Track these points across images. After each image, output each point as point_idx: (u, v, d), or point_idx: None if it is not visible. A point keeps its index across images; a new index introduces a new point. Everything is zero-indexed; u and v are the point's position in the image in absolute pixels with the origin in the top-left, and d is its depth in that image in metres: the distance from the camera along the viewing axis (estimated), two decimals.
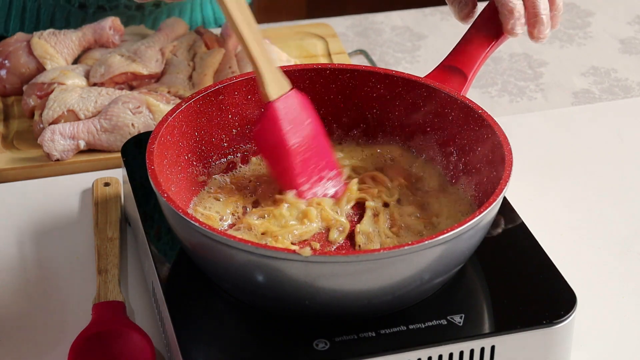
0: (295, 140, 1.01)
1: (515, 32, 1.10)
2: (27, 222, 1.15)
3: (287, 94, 1.02)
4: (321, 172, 1.03)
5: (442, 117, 1.06)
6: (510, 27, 1.09)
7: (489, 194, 0.94)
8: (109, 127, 1.24)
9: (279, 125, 1.01)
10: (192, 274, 0.97)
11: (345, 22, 1.58)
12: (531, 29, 1.11)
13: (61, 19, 1.48)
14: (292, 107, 1.02)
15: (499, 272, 0.98)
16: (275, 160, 1.03)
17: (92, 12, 1.47)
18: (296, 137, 1.02)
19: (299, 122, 1.02)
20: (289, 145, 1.01)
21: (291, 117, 1.02)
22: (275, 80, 1.02)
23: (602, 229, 1.15)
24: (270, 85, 1.01)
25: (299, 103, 1.03)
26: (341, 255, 0.86)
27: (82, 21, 1.48)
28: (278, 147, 1.01)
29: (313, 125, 1.03)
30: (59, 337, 1.00)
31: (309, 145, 1.02)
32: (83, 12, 1.47)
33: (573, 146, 1.29)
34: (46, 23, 1.49)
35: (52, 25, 1.49)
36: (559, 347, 0.94)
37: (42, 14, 1.48)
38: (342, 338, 0.90)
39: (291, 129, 1.01)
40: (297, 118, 1.02)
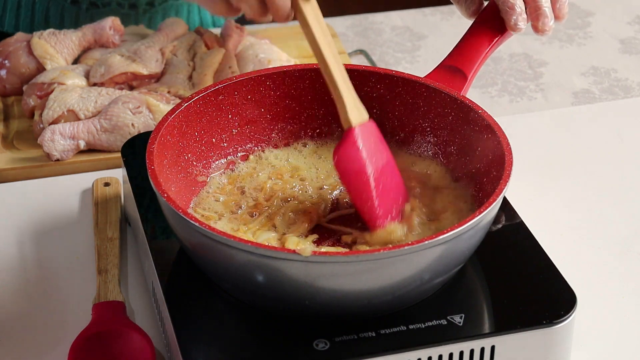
0: (375, 169, 0.98)
1: (519, 27, 1.10)
2: (27, 222, 1.15)
3: (366, 123, 0.99)
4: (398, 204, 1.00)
5: (442, 117, 1.06)
6: (513, 22, 1.09)
7: (489, 194, 0.94)
8: (109, 127, 1.24)
9: (361, 152, 0.97)
10: (192, 274, 0.97)
11: (345, 22, 1.58)
12: (535, 22, 1.10)
13: (56, 14, 1.48)
14: (371, 136, 0.99)
15: (499, 272, 0.98)
16: (356, 187, 0.98)
17: (85, 9, 1.47)
18: (375, 166, 0.98)
19: (376, 152, 0.99)
20: (369, 171, 0.98)
21: (371, 145, 0.98)
22: (357, 107, 0.99)
23: (602, 229, 1.15)
24: (352, 111, 0.98)
25: (376, 132, 1.00)
26: (341, 255, 0.86)
27: (76, 17, 1.48)
28: (359, 174, 0.98)
29: (388, 157, 1.00)
30: (59, 337, 1.00)
31: (386, 176, 0.99)
32: (76, 7, 1.47)
33: (573, 146, 1.29)
34: (41, 19, 1.49)
35: (46, 20, 1.49)
36: (559, 347, 0.94)
37: (37, 9, 1.48)
38: (342, 338, 0.90)
39: (371, 156, 0.98)
40: (375, 147, 0.99)
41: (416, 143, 1.08)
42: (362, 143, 0.97)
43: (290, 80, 1.09)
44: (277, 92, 1.09)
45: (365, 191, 0.98)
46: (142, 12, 1.49)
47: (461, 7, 1.14)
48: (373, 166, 0.98)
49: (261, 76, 1.08)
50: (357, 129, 0.98)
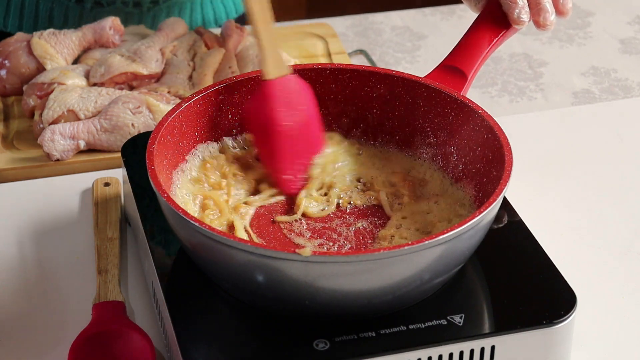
0: (286, 123, 1.02)
1: (522, 20, 1.10)
2: (27, 222, 1.15)
3: (286, 77, 1.03)
4: (308, 160, 1.03)
5: (442, 117, 1.06)
6: (516, 16, 1.10)
7: (489, 194, 0.94)
8: (109, 127, 1.24)
9: (272, 104, 1.01)
10: (192, 274, 0.97)
11: (345, 22, 1.58)
12: (536, 17, 1.10)
13: (59, 14, 1.48)
14: (289, 90, 1.02)
15: (499, 272, 0.98)
16: (263, 139, 1.03)
17: (90, 8, 1.47)
18: (287, 120, 1.02)
19: (293, 106, 1.02)
20: (278, 125, 1.01)
21: (286, 99, 1.02)
22: (276, 61, 1.03)
23: (602, 229, 1.15)
24: (271, 64, 1.02)
25: (296, 88, 1.03)
26: (341, 255, 0.86)
27: (80, 17, 1.48)
28: (267, 126, 1.02)
29: (308, 112, 1.03)
30: (59, 337, 1.00)
31: (300, 131, 1.02)
32: (80, 7, 1.47)
33: (573, 146, 1.29)
34: (44, 18, 1.49)
35: (50, 20, 1.49)
36: (559, 347, 0.94)
37: (41, 9, 1.48)
38: (342, 338, 0.90)
39: (284, 110, 1.02)
40: (292, 102, 1.02)
41: (416, 143, 1.08)
42: (275, 96, 1.01)
43: None
44: None
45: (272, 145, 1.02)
46: (146, 9, 1.49)
47: (470, 3, 1.15)
48: (284, 120, 1.01)
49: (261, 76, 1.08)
50: (273, 82, 1.02)
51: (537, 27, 1.11)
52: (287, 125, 1.02)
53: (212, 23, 1.57)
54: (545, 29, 1.11)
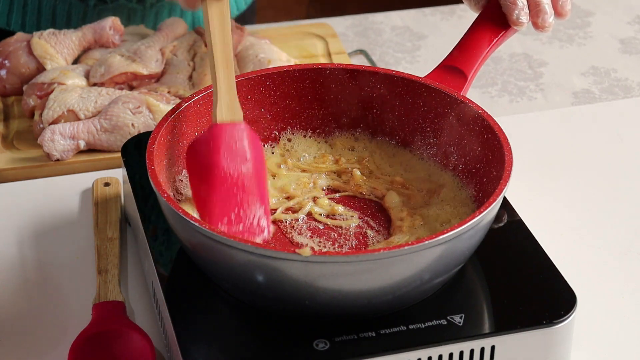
0: (227, 169, 0.97)
1: (521, 21, 1.10)
2: (27, 222, 1.15)
3: (236, 123, 0.98)
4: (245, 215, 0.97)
5: (442, 117, 1.06)
6: (516, 17, 1.10)
7: (489, 194, 0.94)
8: (109, 127, 1.24)
9: (217, 147, 0.97)
10: (192, 274, 0.97)
11: (345, 22, 1.58)
12: (534, 19, 1.10)
13: (62, 12, 1.48)
14: (236, 137, 0.98)
15: (499, 272, 0.98)
16: (200, 182, 0.98)
17: (93, 5, 1.47)
18: (229, 167, 0.97)
19: (237, 155, 0.97)
20: (219, 170, 0.96)
21: (231, 145, 0.97)
22: (230, 106, 0.99)
23: (602, 229, 1.15)
24: (223, 108, 0.99)
25: (245, 138, 0.98)
26: (341, 255, 0.86)
27: (84, 14, 1.48)
28: (207, 169, 0.97)
29: (252, 165, 0.98)
30: (59, 337, 1.00)
31: (241, 183, 0.97)
32: (83, 4, 1.47)
33: (573, 146, 1.29)
34: (48, 16, 1.49)
35: (53, 18, 1.49)
36: (559, 347, 0.94)
37: (44, 6, 1.48)
38: (342, 338, 0.90)
39: (228, 156, 0.97)
40: (238, 150, 0.98)
41: (416, 143, 1.08)
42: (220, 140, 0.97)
43: (290, 80, 1.09)
44: (277, 92, 1.09)
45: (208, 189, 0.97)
46: (149, 5, 1.49)
47: (470, 2, 1.15)
48: (225, 166, 0.96)
49: (261, 76, 1.08)
50: (221, 126, 0.98)
51: (535, 29, 1.11)
52: (229, 173, 0.97)
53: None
54: (544, 31, 1.11)
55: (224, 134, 0.97)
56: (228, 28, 0.99)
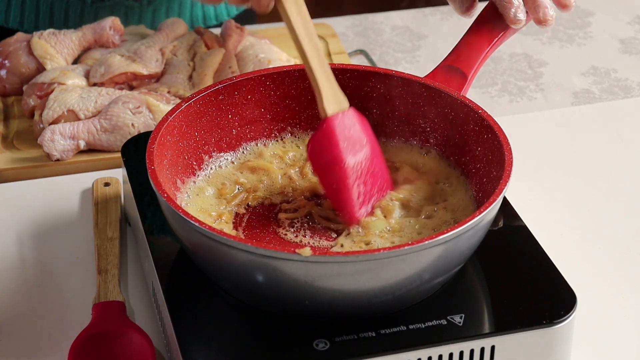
0: (351, 159, 0.98)
1: (519, 19, 1.09)
2: (27, 222, 1.15)
3: (345, 112, 0.99)
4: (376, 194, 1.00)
5: (442, 117, 1.06)
6: (513, 15, 1.09)
7: (489, 194, 0.94)
8: (109, 127, 1.24)
9: (335, 141, 0.97)
10: (192, 274, 0.97)
11: (345, 22, 1.58)
12: (535, 14, 1.09)
13: (60, 9, 1.48)
14: (349, 125, 0.99)
15: (499, 272, 0.98)
16: (329, 178, 0.99)
17: (91, 2, 1.47)
18: (352, 156, 0.98)
19: (355, 141, 0.99)
20: (344, 162, 0.97)
21: (348, 134, 0.98)
22: (334, 97, 0.99)
23: (602, 229, 1.15)
24: (329, 100, 0.99)
25: (356, 122, 1.00)
26: (341, 255, 0.86)
27: (81, 12, 1.48)
28: (333, 165, 0.98)
29: (370, 146, 1.00)
30: (59, 337, 1.00)
31: (365, 166, 0.99)
32: (81, 2, 1.47)
33: (573, 146, 1.29)
34: (46, 13, 1.49)
35: (51, 15, 1.49)
36: (559, 347, 0.94)
37: (42, 4, 1.48)
38: (342, 338, 0.90)
39: (347, 146, 0.98)
40: (353, 137, 0.99)
41: (416, 143, 1.08)
42: (336, 133, 0.98)
43: (290, 80, 1.09)
44: (277, 92, 1.09)
45: (338, 183, 0.98)
46: (146, 3, 1.49)
47: (455, 4, 1.14)
48: (348, 157, 0.98)
49: (261, 76, 1.08)
50: (333, 119, 0.98)
51: (537, 24, 1.10)
52: (353, 161, 0.98)
53: (213, 19, 1.57)
54: (547, 25, 1.10)
55: (338, 126, 0.98)
56: (308, 17, 1.00)
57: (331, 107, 0.99)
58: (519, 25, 1.10)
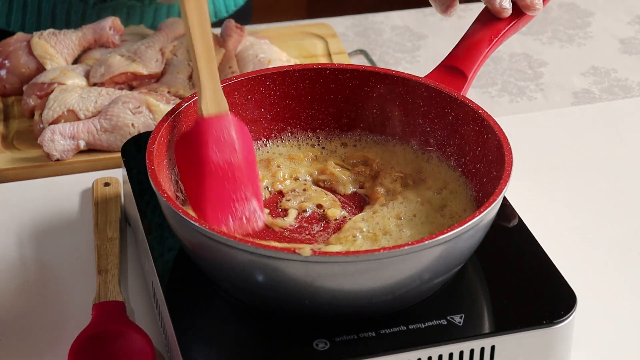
0: (217, 162, 0.97)
1: (504, 7, 1.09)
2: (27, 222, 1.15)
3: (222, 115, 0.99)
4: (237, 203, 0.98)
5: (442, 117, 1.06)
6: (499, 5, 1.09)
7: (489, 194, 0.94)
8: (109, 127, 1.24)
9: (205, 141, 0.97)
10: (192, 274, 0.97)
11: (345, 22, 1.58)
12: (521, 2, 1.10)
13: (62, 11, 1.48)
14: (224, 129, 0.98)
15: (499, 272, 0.98)
16: (191, 176, 0.98)
17: (92, 4, 1.47)
18: (219, 159, 0.97)
19: (226, 146, 0.98)
20: (209, 163, 0.97)
21: (220, 137, 0.98)
22: (214, 99, 0.99)
23: (602, 229, 1.15)
24: (207, 101, 0.99)
25: (233, 128, 0.99)
26: (341, 255, 0.86)
27: (83, 14, 1.48)
28: (197, 163, 0.97)
29: (242, 155, 0.99)
30: (59, 337, 1.00)
31: (232, 174, 0.98)
32: (83, 3, 1.47)
33: (573, 146, 1.29)
34: (47, 15, 1.49)
35: (53, 17, 1.49)
36: (559, 347, 0.94)
37: (44, 6, 1.48)
38: (342, 338, 0.90)
39: (217, 149, 0.97)
40: (226, 141, 0.98)
41: (416, 143, 1.08)
42: (208, 134, 0.97)
43: (290, 80, 1.09)
44: (277, 92, 1.09)
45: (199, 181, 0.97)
46: (147, 2, 1.49)
47: (435, 4, 1.14)
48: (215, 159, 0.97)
49: (261, 76, 1.08)
50: (208, 120, 0.98)
51: (526, 11, 1.10)
52: (218, 165, 0.97)
53: (212, 17, 1.57)
54: (534, 10, 1.09)
55: (211, 128, 0.98)
56: (206, 18, 0.99)
57: (209, 108, 0.99)
58: (506, 14, 1.09)
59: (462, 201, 1.02)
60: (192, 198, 0.99)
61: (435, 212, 1.01)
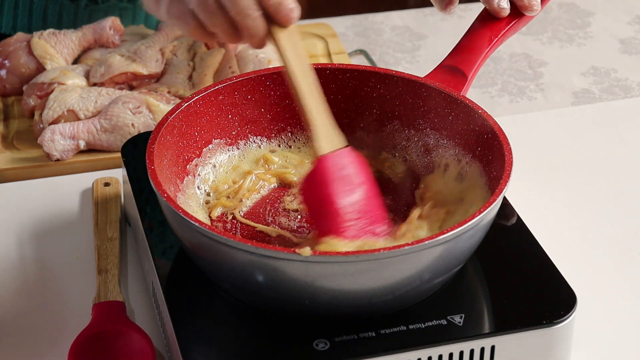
0: (343, 200, 0.95)
1: (503, 7, 1.09)
2: (27, 222, 1.15)
3: (340, 151, 0.97)
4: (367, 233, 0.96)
5: (442, 117, 1.06)
6: (497, 5, 1.09)
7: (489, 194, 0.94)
8: (109, 127, 1.24)
9: (327, 180, 0.95)
10: (192, 274, 0.97)
11: (345, 22, 1.58)
12: (519, 2, 1.10)
13: (54, 12, 1.48)
14: (343, 164, 0.96)
15: (499, 272, 0.98)
16: (320, 217, 0.96)
17: (84, 6, 1.47)
18: (345, 197, 0.95)
19: (348, 182, 0.96)
20: (335, 202, 0.94)
21: (341, 174, 0.96)
22: (328, 135, 0.97)
23: (602, 229, 1.15)
24: (323, 138, 0.96)
25: (352, 162, 0.97)
26: (341, 255, 0.86)
27: (75, 15, 1.48)
28: (324, 204, 0.95)
29: (365, 187, 0.97)
30: (59, 337, 1.00)
31: (358, 208, 0.96)
32: (74, 5, 1.47)
33: (573, 146, 1.29)
34: (39, 17, 1.49)
35: (44, 19, 1.49)
36: (559, 347, 0.94)
37: (35, 8, 1.48)
38: (342, 338, 0.90)
39: (340, 186, 0.95)
40: (347, 177, 0.96)
41: (416, 143, 1.08)
42: (329, 173, 0.95)
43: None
44: (277, 92, 1.09)
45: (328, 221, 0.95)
46: (140, 5, 1.49)
47: (435, 1, 1.14)
48: (340, 197, 0.95)
49: (261, 76, 1.08)
50: (327, 158, 0.96)
51: (523, 11, 1.10)
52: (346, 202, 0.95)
53: None
54: (532, 11, 1.09)
55: (330, 166, 0.95)
56: (303, 54, 0.97)
57: (324, 147, 0.96)
58: (504, 14, 1.09)
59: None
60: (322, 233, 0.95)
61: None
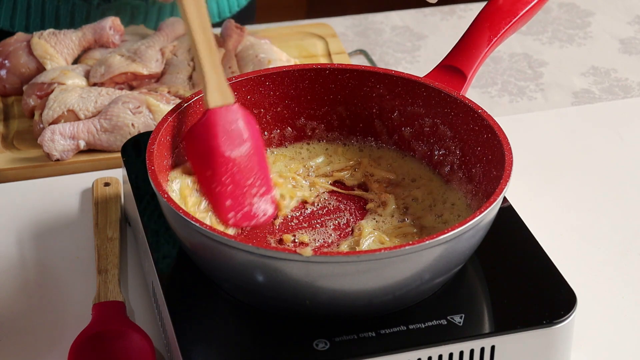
0: (228, 153, 0.98)
1: None
2: (27, 222, 1.15)
3: (229, 106, 1.00)
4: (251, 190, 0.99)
5: (442, 117, 1.06)
6: None
7: (489, 194, 0.94)
8: (109, 127, 1.24)
9: (214, 132, 0.98)
10: (192, 274, 0.97)
11: (345, 22, 1.58)
12: None
13: (66, 12, 1.48)
14: (232, 120, 0.99)
15: (499, 272, 0.98)
16: (203, 168, 0.99)
17: (96, 5, 1.47)
18: (229, 150, 0.98)
19: (235, 136, 0.99)
20: (219, 154, 0.98)
21: (228, 128, 0.99)
22: (219, 90, 1.00)
23: (602, 229, 1.15)
24: (213, 93, 0.99)
25: (240, 118, 1.00)
26: (342, 255, 0.86)
27: (87, 15, 1.48)
28: (208, 155, 0.98)
29: (251, 143, 1.00)
30: (59, 337, 1.00)
31: (242, 162, 0.99)
32: (87, 4, 1.47)
33: (573, 146, 1.29)
34: (51, 17, 1.49)
35: (57, 19, 1.49)
36: (559, 347, 0.94)
37: (47, 8, 1.48)
38: (342, 338, 0.90)
39: (226, 139, 0.98)
40: (234, 132, 0.99)
41: (416, 143, 1.08)
42: (217, 126, 0.98)
43: (290, 80, 1.09)
44: (277, 92, 1.09)
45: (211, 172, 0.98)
46: (151, 3, 1.49)
47: None
48: (226, 150, 0.98)
49: (261, 76, 1.08)
50: (215, 111, 0.99)
51: None
52: (230, 155, 0.98)
53: (216, 16, 1.57)
54: None
55: (219, 119, 0.99)
56: (204, 11, 0.99)
57: (215, 100, 0.99)
58: None
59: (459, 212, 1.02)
60: (204, 188, 0.99)
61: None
